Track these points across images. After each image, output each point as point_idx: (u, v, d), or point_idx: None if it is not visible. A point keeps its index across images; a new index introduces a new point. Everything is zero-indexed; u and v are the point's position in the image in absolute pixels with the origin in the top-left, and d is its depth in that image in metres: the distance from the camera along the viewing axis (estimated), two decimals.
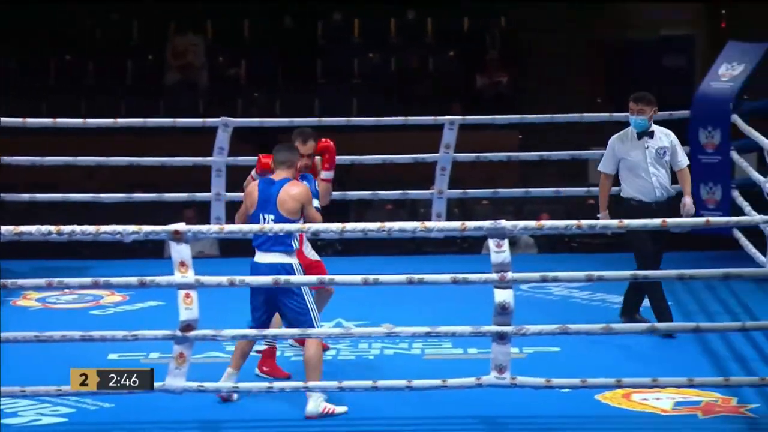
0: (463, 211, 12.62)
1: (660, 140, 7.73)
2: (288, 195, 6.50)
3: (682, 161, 7.78)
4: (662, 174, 7.73)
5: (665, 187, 7.73)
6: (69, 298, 8.68)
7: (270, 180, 6.57)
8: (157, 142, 12.05)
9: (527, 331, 6.38)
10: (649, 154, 7.71)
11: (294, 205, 6.49)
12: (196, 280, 6.25)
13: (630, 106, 7.74)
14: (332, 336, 7.12)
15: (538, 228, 6.33)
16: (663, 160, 7.72)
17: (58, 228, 6.20)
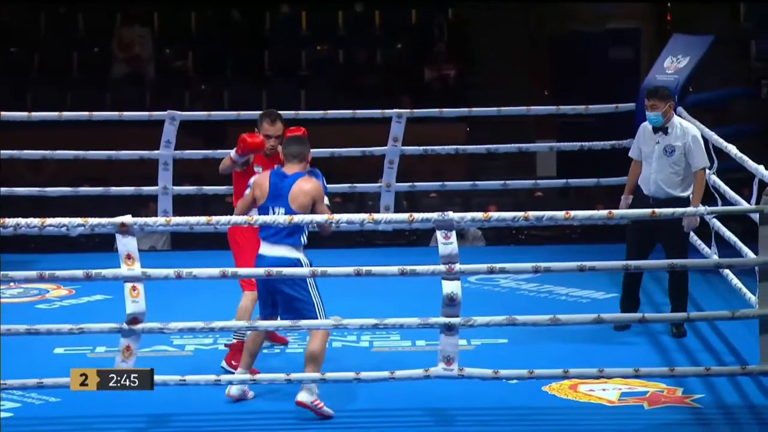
0: (412, 203, 12.63)
1: (673, 138, 7.54)
2: (301, 190, 6.45)
3: (694, 163, 7.53)
4: (664, 172, 7.55)
5: (661, 186, 7.56)
6: (14, 291, 8.61)
7: (282, 173, 6.51)
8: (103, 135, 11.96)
9: (475, 322, 6.41)
10: (657, 149, 7.57)
11: (306, 201, 6.44)
12: (143, 272, 6.22)
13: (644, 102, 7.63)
14: (280, 329, 7.10)
15: (485, 219, 6.36)
16: (670, 159, 7.53)
17: (2, 221, 6.16)
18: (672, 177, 7.53)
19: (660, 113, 7.52)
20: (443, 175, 11.36)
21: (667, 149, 7.53)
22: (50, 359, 7.00)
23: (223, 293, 8.10)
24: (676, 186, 7.55)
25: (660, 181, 7.55)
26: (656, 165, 7.56)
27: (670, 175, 7.53)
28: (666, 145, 7.54)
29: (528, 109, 10.37)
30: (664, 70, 9.67)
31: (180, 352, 7.27)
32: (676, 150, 7.51)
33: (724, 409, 6.43)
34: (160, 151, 9.47)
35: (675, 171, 7.53)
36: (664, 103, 7.55)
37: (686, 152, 7.51)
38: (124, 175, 12.15)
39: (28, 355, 6.96)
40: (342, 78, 15.11)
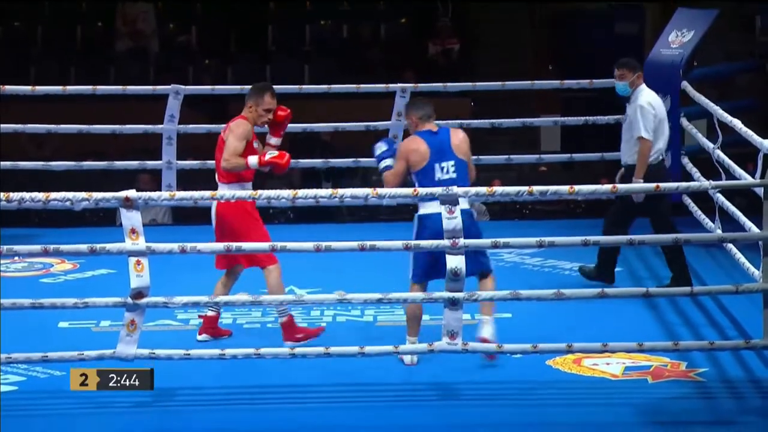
0: None
1: (630, 108, 7.81)
2: (459, 140, 6.72)
3: (635, 131, 7.79)
4: (628, 141, 7.83)
5: (627, 153, 7.81)
6: (18, 266, 8.61)
7: (428, 132, 6.72)
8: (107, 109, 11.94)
9: (479, 296, 6.42)
10: (624, 120, 7.88)
11: (467, 148, 6.74)
12: (147, 247, 6.21)
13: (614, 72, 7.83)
14: (284, 303, 7.10)
15: (489, 194, 6.34)
16: (629, 129, 7.81)
17: (7, 195, 6.15)
18: (632, 145, 7.79)
19: (627, 83, 7.76)
20: None
21: (625, 119, 7.89)
22: (55, 333, 7.00)
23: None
24: (633, 154, 7.81)
25: (625, 149, 7.84)
26: (624, 134, 7.88)
27: (630, 143, 7.81)
28: (626, 115, 7.88)
29: (532, 84, 10.35)
30: (669, 44, 9.64)
31: (184, 327, 7.27)
32: (629, 118, 7.81)
33: (728, 383, 6.43)
34: (164, 125, 9.46)
35: (635, 140, 7.78)
36: (632, 73, 7.83)
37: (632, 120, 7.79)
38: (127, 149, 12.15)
39: (33, 329, 6.96)
40: (346, 53, 15.08)
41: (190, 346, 6.49)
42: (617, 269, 8.17)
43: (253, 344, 6.50)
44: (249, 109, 7.00)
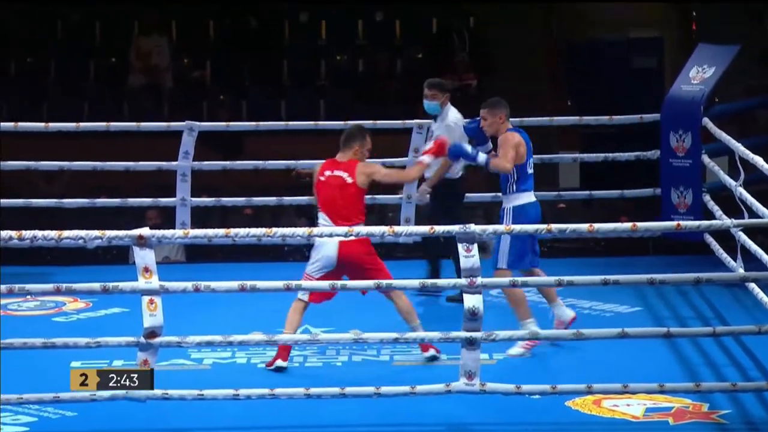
0: None
1: (438, 126, 8.48)
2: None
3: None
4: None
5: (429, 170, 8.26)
6: (31, 304, 8.64)
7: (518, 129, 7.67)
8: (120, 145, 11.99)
9: (497, 336, 6.41)
10: (431, 136, 8.52)
11: None
12: (161, 285, 6.24)
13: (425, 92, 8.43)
14: (299, 343, 7.12)
15: (507, 232, 6.36)
16: None
17: (19, 233, 6.18)
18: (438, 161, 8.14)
19: (438, 103, 8.41)
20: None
21: (434, 134, 8.41)
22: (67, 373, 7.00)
23: (241, 306, 8.13)
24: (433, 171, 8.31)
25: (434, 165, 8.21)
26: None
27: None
28: (434, 131, 8.49)
29: (551, 120, 10.37)
30: (690, 80, 9.66)
31: (198, 366, 7.28)
32: (435, 135, 8.37)
33: (751, 425, 6.40)
34: (179, 162, 9.50)
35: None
36: (442, 94, 8.52)
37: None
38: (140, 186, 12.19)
39: (45, 369, 6.98)
40: (362, 87, 15.13)
41: (204, 386, 6.49)
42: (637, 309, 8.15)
43: (268, 384, 6.50)
44: (356, 152, 7.36)
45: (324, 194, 7.31)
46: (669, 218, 9.25)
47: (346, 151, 7.37)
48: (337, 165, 7.34)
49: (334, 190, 7.27)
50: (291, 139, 11.98)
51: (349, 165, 7.32)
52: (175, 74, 15.29)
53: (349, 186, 7.26)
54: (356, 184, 7.25)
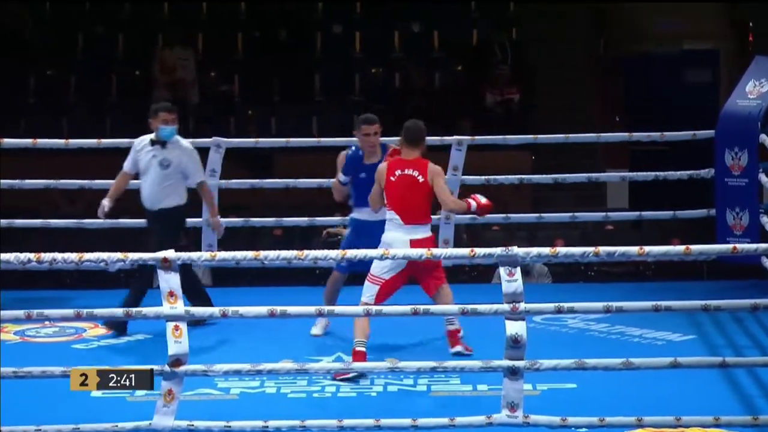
0: (472, 237, 12.63)
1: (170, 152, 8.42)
2: None
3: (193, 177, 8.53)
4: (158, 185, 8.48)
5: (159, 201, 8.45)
6: (50, 330, 8.68)
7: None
8: None
9: (541, 365, 6.39)
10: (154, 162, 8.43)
11: None
12: (186, 311, 6.26)
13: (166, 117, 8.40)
14: (332, 371, 7.12)
15: (552, 255, 6.35)
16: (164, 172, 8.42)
17: (38, 256, 6.22)
18: (167, 189, 8.31)
19: (176, 127, 8.41)
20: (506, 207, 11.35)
21: (164, 162, 8.36)
22: (87, 403, 7.04)
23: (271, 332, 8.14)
24: (167, 197, 8.36)
25: (159, 194, 8.37)
26: (153, 177, 8.38)
27: (165, 187, 8.34)
28: (162, 158, 8.36)
29: (598, 136, 10.36)
30: (746, 94, 9.62)
31: (225, 396, 7.29)
32: (173, 163, 8.32)
33: None
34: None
35: (170, 183, 8.34)
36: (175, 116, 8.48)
37: (184, 167, 8.36)
38: None
39: (64, 399, 7.01)
40: (397, 102, 15.17)
41: (232, 417, 6.50)
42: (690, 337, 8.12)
43: (299, 415, 6.51)
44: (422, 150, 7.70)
45: (396, 194, 7.50)
46: (724, 240, 9.21)
47: (412, 150, 7.60)
48: (407, 164, 7.54)
49: (406, 189, 7.50)
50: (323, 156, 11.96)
51: (419, 164, 7.55)
52: (201, 88, 15.38)
53: (421, 185, 7.51)
54: (427, 183, 7.51)
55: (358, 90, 15.54)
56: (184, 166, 8.37)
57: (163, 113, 8.41)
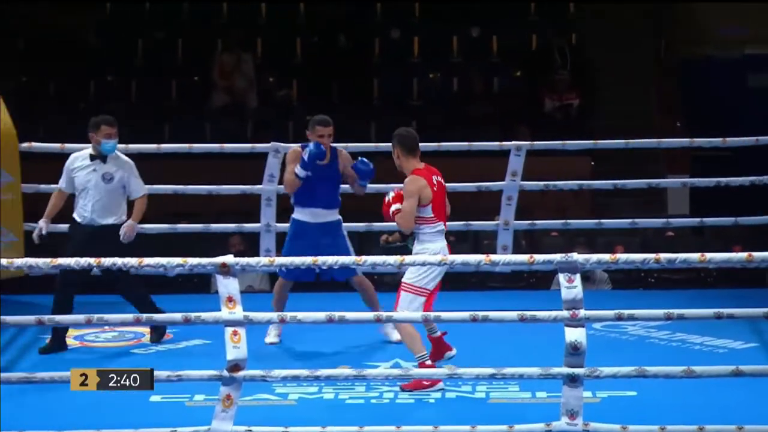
0: (531, 243, 12.59)
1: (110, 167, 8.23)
2: None
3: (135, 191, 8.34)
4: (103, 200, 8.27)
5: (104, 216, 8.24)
6: (109, 335, 8.74)
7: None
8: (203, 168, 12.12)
9: (601, 373, 6.36)
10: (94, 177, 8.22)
11: None
12: (245, 316, 6.28)
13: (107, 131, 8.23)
14: (390, 378, 7.12)
15: (612, 262, 6.31)
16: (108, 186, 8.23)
17: (98, 260, 6.26)
18: (110, 204, 8.13)
19: (117, 141, 8.20)
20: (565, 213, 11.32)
21: (106, 176, 8.17)
22: (146, 408, 7.07)
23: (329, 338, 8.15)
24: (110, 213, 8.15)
25: (99, 208, 8.14)
26: (94, 193, 8.15)
27: (108, 202, 8.14)
28: (104, 173, 8.15)
29: (659, 142, 10.29)
30: None
31: (283, 401, 7.31)
32: (115, 177, 8.14)
33: None
34: (263, 185, 9.56)
35: (113, 198, 8.15)
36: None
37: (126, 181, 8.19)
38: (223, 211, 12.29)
39: (123, 404, 7.05)
40: (456, 107, 15.15)
41: (290, 422, 6.51)
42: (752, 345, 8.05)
43: (357, 421, 6.51)
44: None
45: (439, 202, 7.48)
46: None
47: (415, 157, 7.54)
48: (432, 171, 7.52)
49: (443, 197, 7.53)
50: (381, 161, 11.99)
51: (435, 170, 7.55)
52: (259, 93, 15.43)
53: (446, 190, 7.56)
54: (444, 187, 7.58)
55: (416, 95, 15.54)
56: (126, 179, 8.22)
57: (105, 127, 8.23)
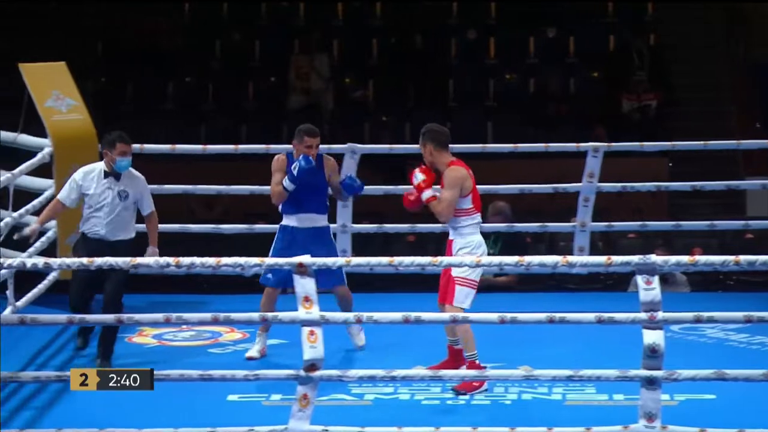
0: (608, 245, 12.51)
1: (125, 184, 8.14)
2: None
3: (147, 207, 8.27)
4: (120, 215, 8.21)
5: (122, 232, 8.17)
6: (186, 334, 8.80)
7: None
8: None
9: (679, 376, 6.31)
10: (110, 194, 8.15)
11: None
12: (322, 316, 6.30)
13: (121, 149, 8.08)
14: (466, 378, 7.11)
15: (691, 263, 6.27)
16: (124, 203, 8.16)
17: (177, 260, 6.31)
18: (125, 220, 8.11)
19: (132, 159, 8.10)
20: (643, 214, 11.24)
21: (122, 194, 8.10)
22: (223, 407, 7.12)
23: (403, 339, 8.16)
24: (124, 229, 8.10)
25: (115, 224, 8.08)
26: (110, 209, 8.10)
27: (123, 219, 8.11)
28: (120, 190, 8.10)
29: (738, 143, 10.19)
30: None
31: (359, 402, 7.32)
32: (130, 195, 8.12)
33: None
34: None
35: (128, 214, 8.13)
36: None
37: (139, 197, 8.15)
38: None
39: (201, 402, 7.10)
40: (532, 108, 15.10)
41: (365, 422, 6.52)
42: None
43: (433, 422, 6.51)
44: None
45: (476, 193, 7.52)
46: None
47: (447, 151, 7.60)
48: (466, 165, 7.54)
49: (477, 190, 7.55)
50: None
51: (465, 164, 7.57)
52: (335, 94, 15.47)
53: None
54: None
55: (492, 95, 15.50)
56: (140, 196, 8.20)
57: (120, 144, 8.13)
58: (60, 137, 9.34)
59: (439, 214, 7.37)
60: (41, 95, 9.40)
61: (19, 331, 8.27)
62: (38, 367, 7.93)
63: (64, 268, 7.80)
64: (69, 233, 9.22)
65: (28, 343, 8.32)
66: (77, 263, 6.30)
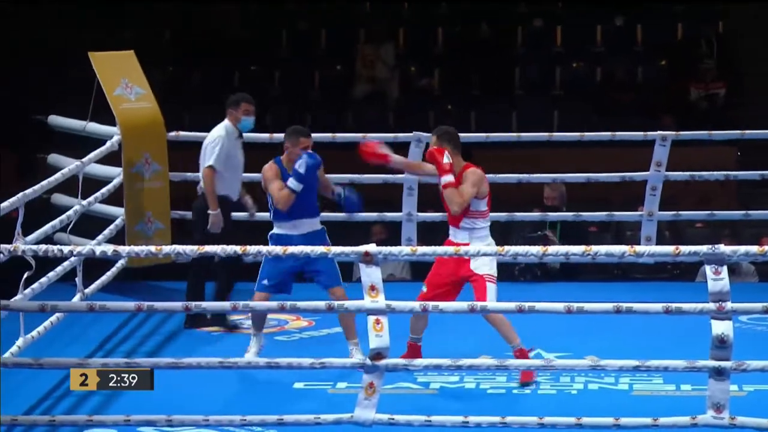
0: (675, 234, 12.42)
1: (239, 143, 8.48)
2: None
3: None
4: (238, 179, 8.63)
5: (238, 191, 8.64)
6: None
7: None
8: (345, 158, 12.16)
9: (748, 366, 6.26)
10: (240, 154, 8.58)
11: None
12: (387, 305, 6.30)
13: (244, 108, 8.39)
14: (532, 368, 7.09)
15: (760, 254, 6.21)
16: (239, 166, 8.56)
17: (244, 248, 6.34)
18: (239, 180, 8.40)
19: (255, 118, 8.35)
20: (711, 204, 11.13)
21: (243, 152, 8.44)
22: (290, 394, 7.15)
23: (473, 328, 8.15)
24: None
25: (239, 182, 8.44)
26: (240, 168, 8.45)
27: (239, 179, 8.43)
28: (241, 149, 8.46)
29: None
30: None
31: (424, 390, 7.33)
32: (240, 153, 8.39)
33: None
34: (404, 175, 9.58)
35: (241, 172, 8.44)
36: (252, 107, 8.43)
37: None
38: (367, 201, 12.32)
39: (268, 389, 7.14)
40: (598, 97, 15.00)
41: (431, 411, 6.52)
42: None
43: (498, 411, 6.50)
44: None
45: (490, 198, 7.50)
46: None
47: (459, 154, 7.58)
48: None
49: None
50: (522, 152, 11.96)
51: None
52: (401, 83, 15.46)
53: None
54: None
55: (559, 84, 15.42)
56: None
57: (245, 104, 8.34)
58: (128, 125, 9.41)
59: (456, 204, 7.30)
60: (110, 84, 9.47)
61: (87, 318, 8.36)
62: (106, 354, 8.01)
63: (132, 256, 7.85)
64: (137, 221, 9.29)
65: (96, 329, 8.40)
66: (146, 251, 6.34)
